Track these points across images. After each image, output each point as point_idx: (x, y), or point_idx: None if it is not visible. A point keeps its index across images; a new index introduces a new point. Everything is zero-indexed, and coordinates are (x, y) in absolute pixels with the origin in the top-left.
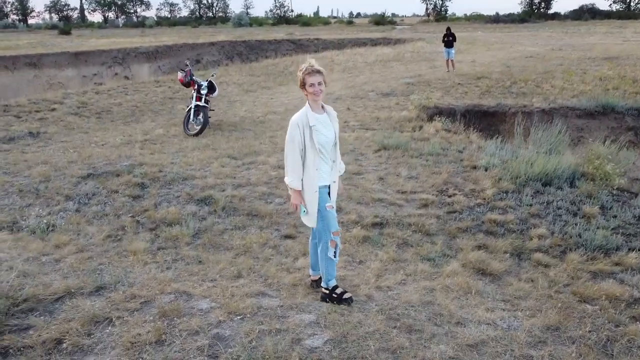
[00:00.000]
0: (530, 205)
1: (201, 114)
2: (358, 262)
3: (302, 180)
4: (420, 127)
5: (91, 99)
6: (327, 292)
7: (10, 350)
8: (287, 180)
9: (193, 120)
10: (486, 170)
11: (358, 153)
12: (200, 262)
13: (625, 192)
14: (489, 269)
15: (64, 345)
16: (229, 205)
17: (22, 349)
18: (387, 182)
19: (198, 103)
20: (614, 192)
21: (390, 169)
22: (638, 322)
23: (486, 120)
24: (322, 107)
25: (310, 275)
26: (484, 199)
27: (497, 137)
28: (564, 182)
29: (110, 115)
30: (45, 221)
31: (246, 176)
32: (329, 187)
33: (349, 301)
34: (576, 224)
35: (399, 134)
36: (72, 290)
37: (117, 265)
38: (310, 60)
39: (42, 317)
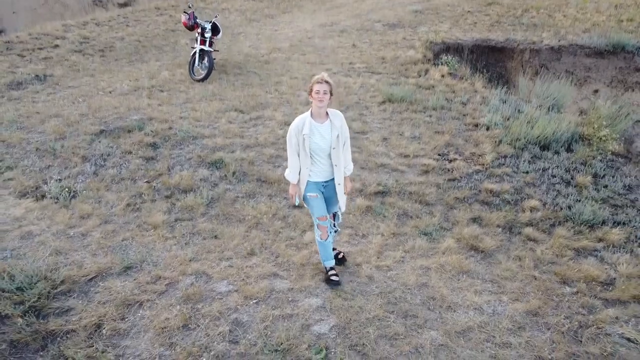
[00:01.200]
0: (527, 172)
1: (206, 59)
2: (361, 236)
3: (299, 174)
4: (426, 72)
5: (92, 33)
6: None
7: (57, 335)
8: (285, 173)
9: (198, 65)
10: (488, 129)
11: (363, 106)
12: (215, 236)
13: (620, 158)
14: (482, 245)
15: (104, 330)
16: (239, 170)
17: (67, 333)
18: (390, 143)
19: (202, 47)
20: (609, 157)
21: (394, 128)
22: (609, 308)
23: (494, 56)
24: (327, 114)
25: None
26: (483, 164)
27: (502, 85)
28: (561, 146)
29: (114, 53)
30: (66, 187)
31: (254, 135)
32: (326, 184)
33: (334, 283)
34: (568, 195)
35: (405, 81)
36: (103, 271)
37: (139, 241)
38: (323, 73)
39: (79, 300)
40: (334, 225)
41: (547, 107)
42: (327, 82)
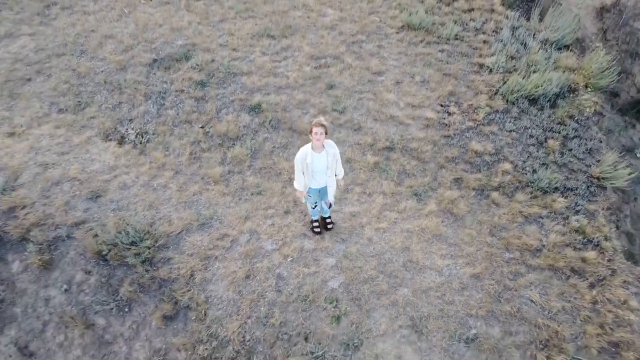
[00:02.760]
0: (510, 131)
1: None
2: (367, 195)
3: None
4: None
5: None
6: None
7: (166, 280)
8: (294, 184)
9: None
10: (491, 71)
11: (382, 34)
12: (260, 192)
13: (595, 116)
14: (456, 210)
15: (196, 278)
16: (274, 117)
17: (172, 279)
18: (402, 89)
19: None
20: (585, 115)
21: (407, 68)
22: (530, 274)
23: None
24: (323, 145)
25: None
26: (475, 120)
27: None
28: (548, 100)
29: None
30: (139, 130)
31: (284, 72)
32: (322, 188)
33: (315, 233)
34: (537, 158)
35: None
36: (186, 227)
37: (206, 195)
38: (320, 118)
39: (174, 252)
40: (330, 206)
41: (552, 42)
42: (322, 125)
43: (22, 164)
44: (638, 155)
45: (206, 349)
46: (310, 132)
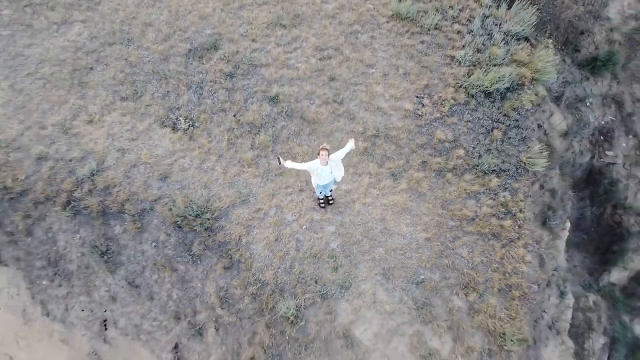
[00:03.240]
0: (467, 122)
1: None
2: (358, 175)
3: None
4: None
5: None
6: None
7: (223, 243)
8: (288, 164)
9: None
10: (459, 64)
11: (375, 24)
12: (281, 174)
13: (533, 107)
14: (420, 188)
15: (242, 241)
16: (289, 107)
17: (226, 242)
18: (388, 81)
19: None
20: (526, 109)
21: (393, 60)
22: (464, 237)
23: None
24: (327, 161)
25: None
26: (441, 111)
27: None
28: (500, 93)
29: None
30: (186, 117)
31: (295, 64)
32: (327, 184)
33: (320, 207)
34: (483, 145)
35: None
36: (231, 203)
37: (243, 177)
38: (325, 144)
39: (226, 222)
40: (330, 191)
41: (513, 34)
42: (326, 149)
43: (104, 149)
44: (587, 104)
45: (253, 288)
46: (319, 153)
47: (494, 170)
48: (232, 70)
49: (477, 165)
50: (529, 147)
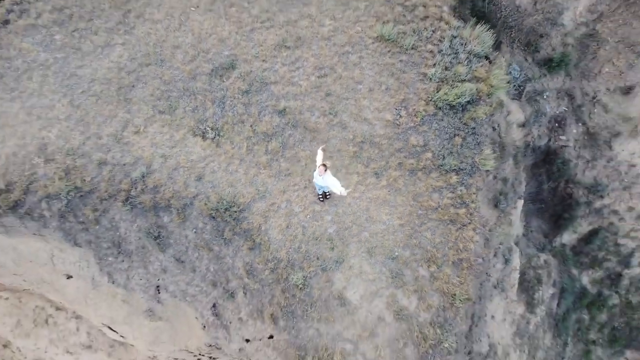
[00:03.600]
0: (435, 130)
1: None
2: (349, 174)
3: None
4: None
5: None
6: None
7: (247, 229)
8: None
9: None
10: (430, 81)
11: (363, 45)
12: (289, 174)
13: (485, 119)
14: (396, 184)
15: (262, 228)
16: (293, 119)
17: (250, 229)
18: (373, 95)
19: None
20: (478, 121)
21: (377, 77)
22: (428, 223)
23: None
24: (322, 176)
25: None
26: (415, 121)
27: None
28: (462, 106)
29: None
30: (212, 127)
31: (297, 81)
32: (322, 187)
33: (320, 201)
34: (447, 149)
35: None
36: (252, 198)
37: (260, 177)
38: (326, 161)
39: (248, 214)
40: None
41: (475, 53)
42: (325, 165)
43: (150, 155)
44: (545, 97)
45: (271, 263)
46: (317, 166)
47: (454, 169)
48: (248, 88)
49: (442, 166)
50: (482, 150)
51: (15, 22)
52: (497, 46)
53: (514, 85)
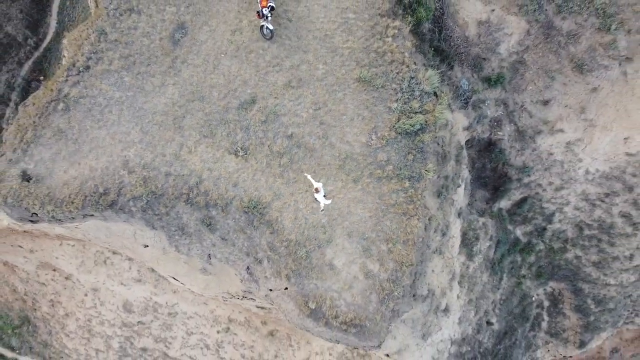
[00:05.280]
0: (396, 149)
1: (269, 30)
2: (336, 181)
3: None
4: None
5: None
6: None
7: (269, 220)
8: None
9: (265, 32)
10: (393, 112)
11: (346, 85)
12: (295, 182)
13: (430, 143)
14: (368, 188)
15: (278, 219)
16: (297, 142)
17: (272, 220)
18: (353, 124)
19: (264, 23)
20: (427, 142)
21: (357, 110)
22: (387, 215)
23: None
24: (315, 195)
25: None
26: (382, 143)
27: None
28: (415, 132)
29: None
30: (243, 147)
31: (300, 113)
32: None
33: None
34: (403, 163)
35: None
36: (271, 199)
37: (276, 184)
38: (317, 185)
39: (269, 210)
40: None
41: (426, 91)
42: (317, 189)
43: (201, 169)
44: (486, 104)
45: (285, 242)
46: (314, 190)
47: (407, 177)
48: (265, 118)
49: (399, 175)
50: (427, 164)
51: (95, 68)
52: (451, 67)
53: (463, 96)
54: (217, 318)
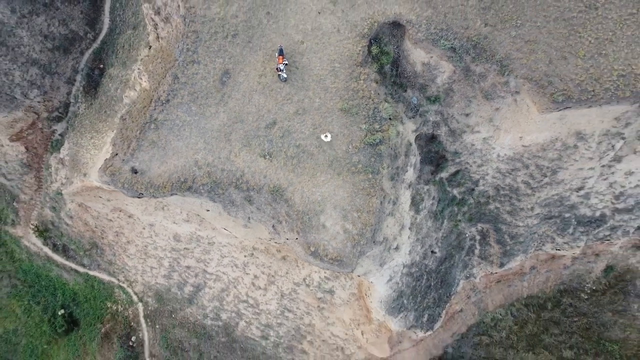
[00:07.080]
0: (363, 155)
1: (283, 77)
2: (326, 174)
3: None
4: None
5: None
6: None
7: (286, 200)
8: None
9: (281, 78)
10: (363, 130)
11: (334, 116)
12: (302, 174)
13: (385, 151)
14: (347, 178)
15: (291, 198)
16: (302, 149)
17: (286, 199)
18: (337, 138)
19: (280, 73)
20: (384, 152)
21: (340, 130)
22: (358, 195)
23: None
24: None
25: None
26: (355, 151)
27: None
28: (375, 144)
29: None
30: (268, 153)
31: (304, 131)
32: None
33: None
34: (369, 163)
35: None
36: (286, 187)
37: (289, 176)
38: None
39: (285, 193)
40: None
41: (385, 117)
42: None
43: (242, 167)
44: (428, 113)
45: (296, 213)
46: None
47: (370, 172)
48: (282, 134)
49: (365, 170)
50: (383, 163)
51: (172, 101)
52: (405, 90)
53: (414, 109)
54: (244, 247)
